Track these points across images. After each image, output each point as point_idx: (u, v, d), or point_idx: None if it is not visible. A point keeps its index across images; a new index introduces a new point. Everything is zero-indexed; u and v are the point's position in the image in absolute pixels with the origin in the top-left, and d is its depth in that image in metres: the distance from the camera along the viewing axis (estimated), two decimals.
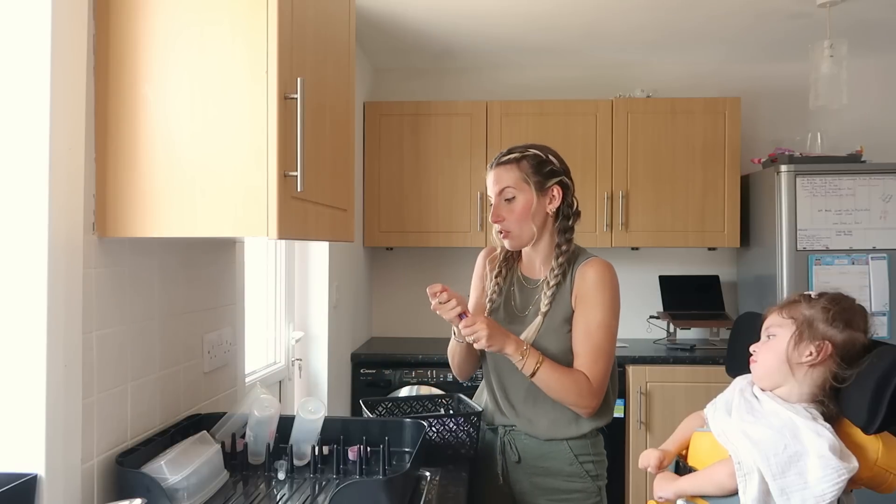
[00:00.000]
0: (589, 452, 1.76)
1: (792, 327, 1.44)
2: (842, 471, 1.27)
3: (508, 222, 1.75)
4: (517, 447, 1.78)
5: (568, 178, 1.82)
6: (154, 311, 1.47)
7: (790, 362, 1.42)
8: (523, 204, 1.75)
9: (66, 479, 1.18)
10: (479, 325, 1.64)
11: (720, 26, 3.28)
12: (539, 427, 1.76)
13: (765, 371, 1.47)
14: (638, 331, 3.89)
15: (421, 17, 3.14)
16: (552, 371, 1.67)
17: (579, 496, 1.75)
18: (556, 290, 1.75)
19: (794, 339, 1.42)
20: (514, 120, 3.63)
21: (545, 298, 1.74)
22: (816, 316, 1.43)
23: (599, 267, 1.76)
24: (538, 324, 1.73)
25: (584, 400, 1.68)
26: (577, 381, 1.68)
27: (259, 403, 1.56)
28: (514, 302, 1.84)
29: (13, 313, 1.13)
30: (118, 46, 1.24)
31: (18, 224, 1.13)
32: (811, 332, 1.42)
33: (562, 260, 1.76)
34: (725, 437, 1.41)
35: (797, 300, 1.49)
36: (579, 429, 1.75)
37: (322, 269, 3.04)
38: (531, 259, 1.84)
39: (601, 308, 1.72)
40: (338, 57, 1.59)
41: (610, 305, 1.73)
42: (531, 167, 1.76)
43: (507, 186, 1.75)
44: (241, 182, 1.21)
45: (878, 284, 3.23)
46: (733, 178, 3.58)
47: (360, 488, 1.31)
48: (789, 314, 1.46)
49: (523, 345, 1.68)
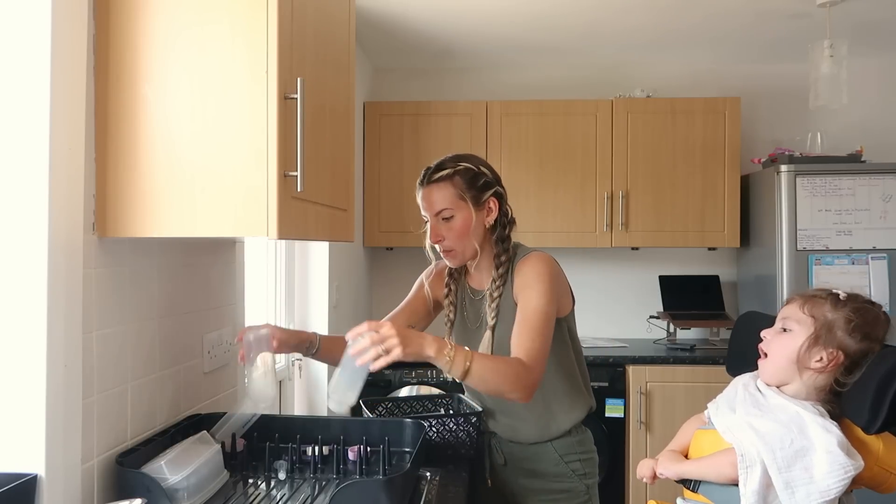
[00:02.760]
0: (575, 451, 1.76)
1: (810, 328, 1.40)
2: (848, 467, 1.27)
3: (449, 241, 1.71)
4: (503, 450, 1.79)
5: (501, 187, 1.77)
6: (154, 311, 1.47)
7: (799, 363, 1.41)
8: (462, 222, 1.70)
9: (66, 479, 1.18)
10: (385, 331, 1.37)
11: (720, 26, 3.28)
12: (520, 433, 1.77)
13: (774, 370, 1.45)
14: (638, 331, 3.89)
15: (421, 17, 3.14)
16: (486, 361, 1.50)
17: (566, 496, 1.75)
18: (500, 300, 1.71)
19: (810, 341, 1.39)
20: (514, 120, 3.63)
21: (490, 312, 1.72)
22: (838, 322, 1.39)
23: (533, 259, 1.70)
24: (489, 338, 1.70)
25: (522, 381, 1.51)
26: (512, 365, 1.53)
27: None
28: (467, 315, 1.83)
29: (13, 313, 1.13)
30: (118, 46, 1.24)
31: (18, 224, 1.13)
32: (827, 338, 1.38)
33: (502, 270, 1.73)
34: (730, 433, 1.41)
35: (823, 298, 1.43)
36: (559, 427, 1.74)
37: (322, 269, 3.04)
38: (476, 271, 1.81)
39: (535, 295, 1.63)
40: (338, 57, 1.59)
41: (544, 291, 1.63)
42: (465, 182, 1.70)
43: (444, 208, 1.70)
44: (241, 182, 1.21)
45: (878, 284, 3.23)
46: (733, 177, 3.58)
47: (360, 488, 1.31)
48: (811, 311, 1.42)
49: (446, 344, 1.46)
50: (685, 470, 1.47)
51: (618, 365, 3.35)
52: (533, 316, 1.61)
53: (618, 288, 3.94)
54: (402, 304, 1.93)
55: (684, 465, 1.48)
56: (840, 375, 1.39)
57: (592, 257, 3.95)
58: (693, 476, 1.46)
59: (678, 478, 1.48)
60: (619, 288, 3.94)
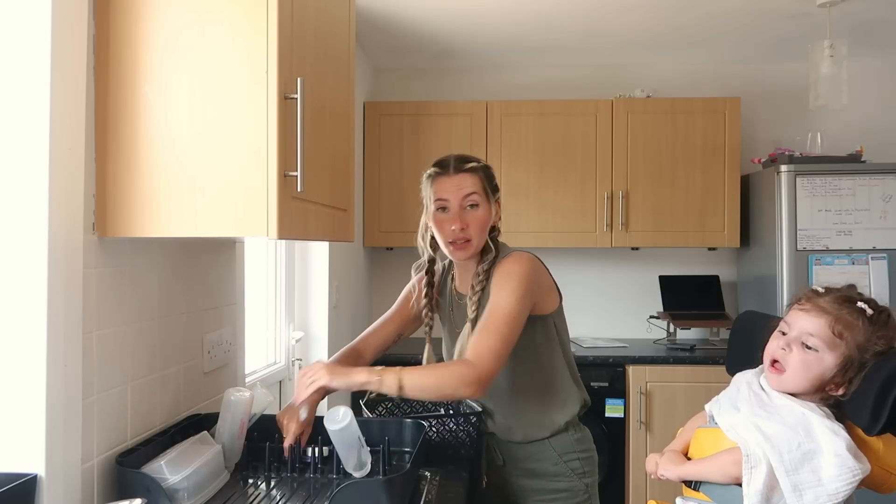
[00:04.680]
0: (573, 450, 1.76)
1: (841, 354, 1.35)
2: (856, 471, 1.26)
3: (471, 229, 1.71)
4: (500, 451, 1.79)
5: None
6: (154, 311, 1.47)
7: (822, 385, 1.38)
8: (484, 213, 1.73)
9: (66, 479, 1.18)
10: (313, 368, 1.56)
11: (720, 26, 3.28)
12: (516, 433, 1.77)
13: (793, 386, 1.40)
14: (638, 331, 3.89)
15: (421, 17, 3.14)
16: (417, 372, 1.55)
17: (566, 495, 1.75)
18: (482, 295, 1.71)
19: (840, 368, 1.35)
20: (514, 120, 3.63)
21: (471, 305, 1.72)
22: (869, 347, 1.35)
23: (510, 259, 1.71)
24: (468, 330, 1.69)
25: (465, 378, 1.52)
26: (449, 366, 1.59)
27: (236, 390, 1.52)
28: (454, 319, 1.83)
29: (13, 313, 1.13)
30: (118, 46, 1.24)
31: (18, 224, 1.13)
32: (856, 365, 1.35)
33: (485, 266, 1.74)
34: (735, 432, 1.40)
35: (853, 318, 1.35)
36: (554, 423, 1.74)
37: (322, 269, 3.04)
38: (465, 271, 1.81)
39: (504, 294, 1.64)
40: (338, 57, 1.59)
41: (513, 290, 1.64)
42: (487, 179, 1.76)
43: (473, 192, 1.72)
44: (241, 182, 1.21)
45: (878, 284, 3.23)
46: (733, 178, 3.58)
47: (360, 488, 1.31)
48: (841, 333, 1.35)
49: (373, 370, 1.53)
50: (687, 472, 1.47)
51: (618, 365, 3.35)
52: (495, 314, 1.62)
53: (618, 288, 3.94)
54: (391, 313, 1.93)
55: (686, 468, 1.47)
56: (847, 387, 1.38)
57: (592, 257, 3.95)
58: (695, 478, 1.45)
59: (680, 479, 1.48)
60: (619, 288, 3.94)
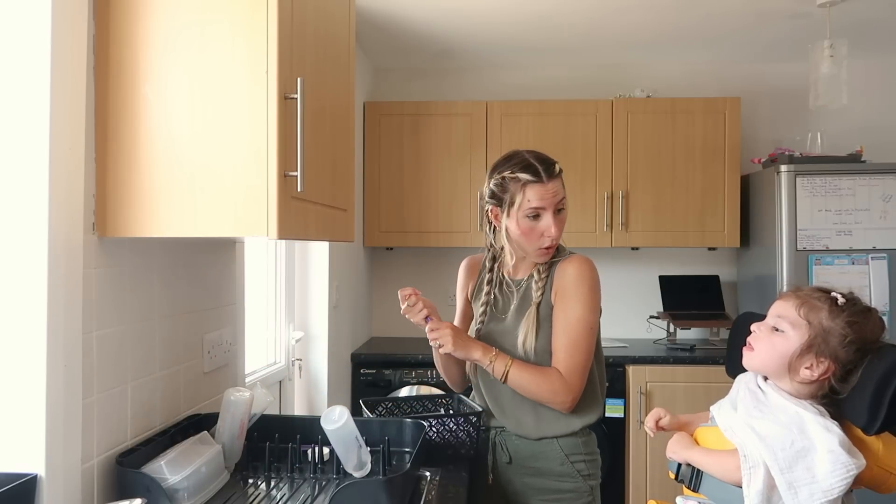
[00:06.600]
0: (580, 452, 1.76)
1: (804, 334, 1.38)
2: (850, 466, 1.26)
3: (559, 232, 1.75)
4: (508, 448, 1.79)
5: None
6: (154, 311, 1.47)
7: (790, 368, 1.40)
8: (566, 213, 1.77)
9: (66, 479, 1.18)
10: (443, 331, 1.69)
11: (720, 26, 3.28)
12: (527, 426, 1.77)
13: (759, 365, 1.44)
14: (638, 331, 3.89)
15: (421, 17, 3.14)
16: (523, 371, 1.69)
17: (571, 496, 1.75)
18: (546, 281, 1.76)
19: (802, 348, 1.37)
20: (514, 120, 3.63)
21: (537, 289, 1.75)
22: (835, 331, 1.35)
23: (578, 263, 1.75)
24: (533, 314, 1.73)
25: (559, 396, 1.68)
26: (549, 377, 1.68)
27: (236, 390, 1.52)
28: (497, 304, 1.85)
29: (13, 313, 1.13)
30: (118, 46, 1.24)
31: (18, 224, 1.13)
32: (821, 348, 1.36)
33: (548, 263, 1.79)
34: (732, 432, 1.40)
35: (821, 303, 1.38)
36: (569, 426, 1.75)
37: (322, 269, 3.04)
38: (521, 261, 1.83)
39: (580, 303, 1.71)
40: (338, 57, 1.59)
41: (588, 300, 1.71)
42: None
43: (564, 196, 1.76)
44: (241, 182, 1.21)
45: (878, 284, 3.23)
46: (733, 178, 3.58)
47: (360, 488, 1.31)
48: (807, 316, 1.39)
49: (491, 350, 1.71)
50: (692, 458, 1.46)
51: (618, 365, 3.35)
52: (576, 326, 1.69)
53: (618, 288, 3.94)
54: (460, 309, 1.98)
55: (692, 453, 1.46)
56: (836, 383, 1.38)
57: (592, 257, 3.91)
58: (698, 465, 1.45)
59: (684, 462, 1.47)
60: (619, 288, 3.94)
